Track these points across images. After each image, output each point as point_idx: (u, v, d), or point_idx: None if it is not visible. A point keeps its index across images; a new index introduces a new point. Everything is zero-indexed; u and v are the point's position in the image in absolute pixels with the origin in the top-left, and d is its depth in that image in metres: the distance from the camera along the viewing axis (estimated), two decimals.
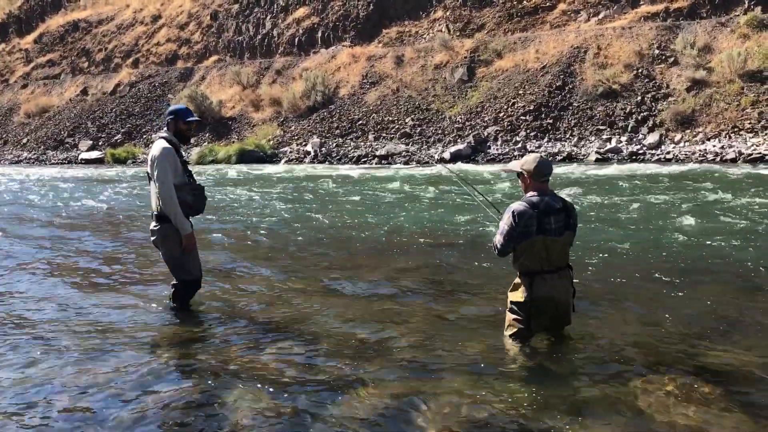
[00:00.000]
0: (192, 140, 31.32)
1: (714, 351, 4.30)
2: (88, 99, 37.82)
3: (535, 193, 4.12)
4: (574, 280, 4.36)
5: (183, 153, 5.25)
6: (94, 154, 31.72)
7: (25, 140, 36.36)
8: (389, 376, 3.91)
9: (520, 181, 4.28)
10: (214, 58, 36.99)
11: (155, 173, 4.89)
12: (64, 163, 31.80)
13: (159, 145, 4.99)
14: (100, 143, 33.32)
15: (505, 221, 4.10)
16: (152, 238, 5.17)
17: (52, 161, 32.75)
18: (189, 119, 5.21)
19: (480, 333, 4.67)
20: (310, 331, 4.81)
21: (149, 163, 5.00)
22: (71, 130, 35.22)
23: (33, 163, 33.10)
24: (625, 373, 3.91)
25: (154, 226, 5.08)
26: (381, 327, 4.85)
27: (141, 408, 3.51)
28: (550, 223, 4.08)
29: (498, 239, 4.16)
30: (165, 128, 5.18)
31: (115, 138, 33.20)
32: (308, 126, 28.63)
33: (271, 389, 3.74)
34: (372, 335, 4.67)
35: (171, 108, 5.29)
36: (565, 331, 4.45)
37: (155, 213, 5.05)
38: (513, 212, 4.07)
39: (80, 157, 32.07)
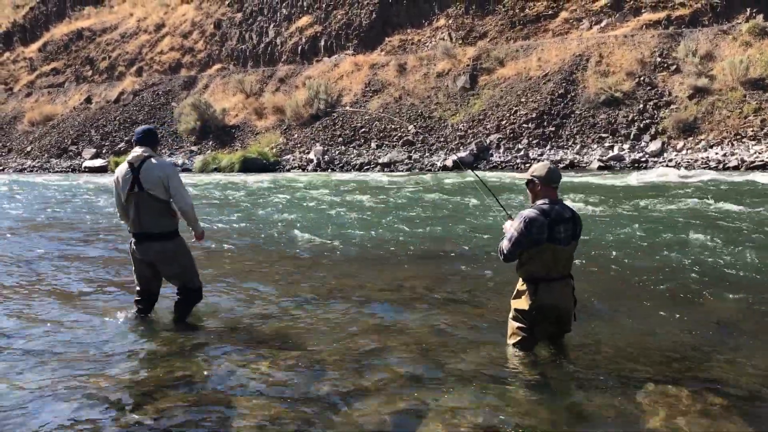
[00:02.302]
0: (195, 148, 30.94)
1: (716, 361, 4.29)
2: (92, 107, 37.99)
3: (545, 201, 4.10)
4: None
5: None
6: (98, 162, 31.83)
7: (29, 148, 36.50)
8: (391, 386, 3.90)
9: (528, 190, 4.25)
10: (218, 66, 37.15)
11: (177, 190, 5.00)
12: (68, 171, 31.90)
13: (168, 164, 5.27)
14: (103, 151, 33.44)
15: (516, 227, 4.06)
16: (158, 257, 5.08)
17: (56, 169, 32.86)
18: None
19: (482, 342, 4.66)
20: (310, 342, 4.79)
21: (152, 181, 4.93)
22: (75, 139, 35.35)
23: (37, 171, 33.21)
24: (628, 383, 3.90)
25: (164, 244, 5.05)
26: (383, 337, 4.84)
27: (139, 420, 3.51)
28: (560, 232, 4.05)
29: (505, 244, 4.11)
30: (149, 147, 5.06)
31: (119, 146, 33.30)
32: (311, 134, 28.70)
33: (271, 401, 3.73)
34: (373, 345, 4.66)
35: (153, 129, 5.26)
36: (567, 339, 4.44)
37: (155, 232, 5.02)
38: (525, 219, 4.03)
39: (84, 165, 32.18)
